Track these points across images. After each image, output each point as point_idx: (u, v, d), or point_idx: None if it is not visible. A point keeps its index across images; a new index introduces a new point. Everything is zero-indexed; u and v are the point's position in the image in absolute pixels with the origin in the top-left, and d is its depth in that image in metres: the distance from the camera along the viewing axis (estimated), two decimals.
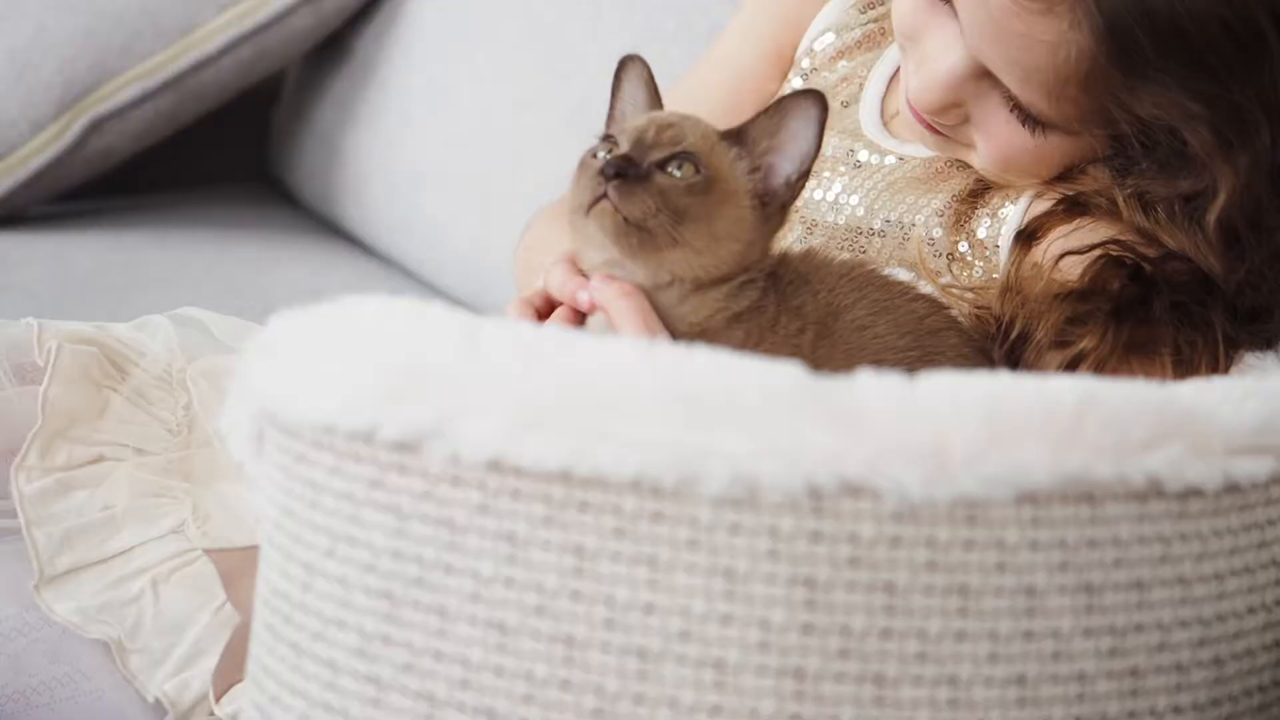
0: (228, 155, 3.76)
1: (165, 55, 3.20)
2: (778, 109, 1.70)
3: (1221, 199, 1.70)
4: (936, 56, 1.85)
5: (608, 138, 1.71)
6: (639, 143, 1.67)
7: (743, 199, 1.68)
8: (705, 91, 2.27)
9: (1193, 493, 1.34)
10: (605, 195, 1.62)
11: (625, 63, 1.79)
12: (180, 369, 1.96)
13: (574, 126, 2.83)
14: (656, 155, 1.66)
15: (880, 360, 1.68)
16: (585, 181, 1.66)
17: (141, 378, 1.95)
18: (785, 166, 1.70)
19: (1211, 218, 1.71)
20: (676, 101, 2.17)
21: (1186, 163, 1.73)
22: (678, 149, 1.66)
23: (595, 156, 1.68)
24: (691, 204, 1.64)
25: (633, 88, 1.78)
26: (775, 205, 1.71)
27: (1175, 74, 1.68)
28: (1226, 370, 1.72)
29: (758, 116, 1.71)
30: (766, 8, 2.29)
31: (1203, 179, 1.72)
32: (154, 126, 3.29)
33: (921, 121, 1.91)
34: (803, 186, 1.71)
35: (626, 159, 1.64)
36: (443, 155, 3.18)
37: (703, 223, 1.65)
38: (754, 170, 1.70)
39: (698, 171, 1.65)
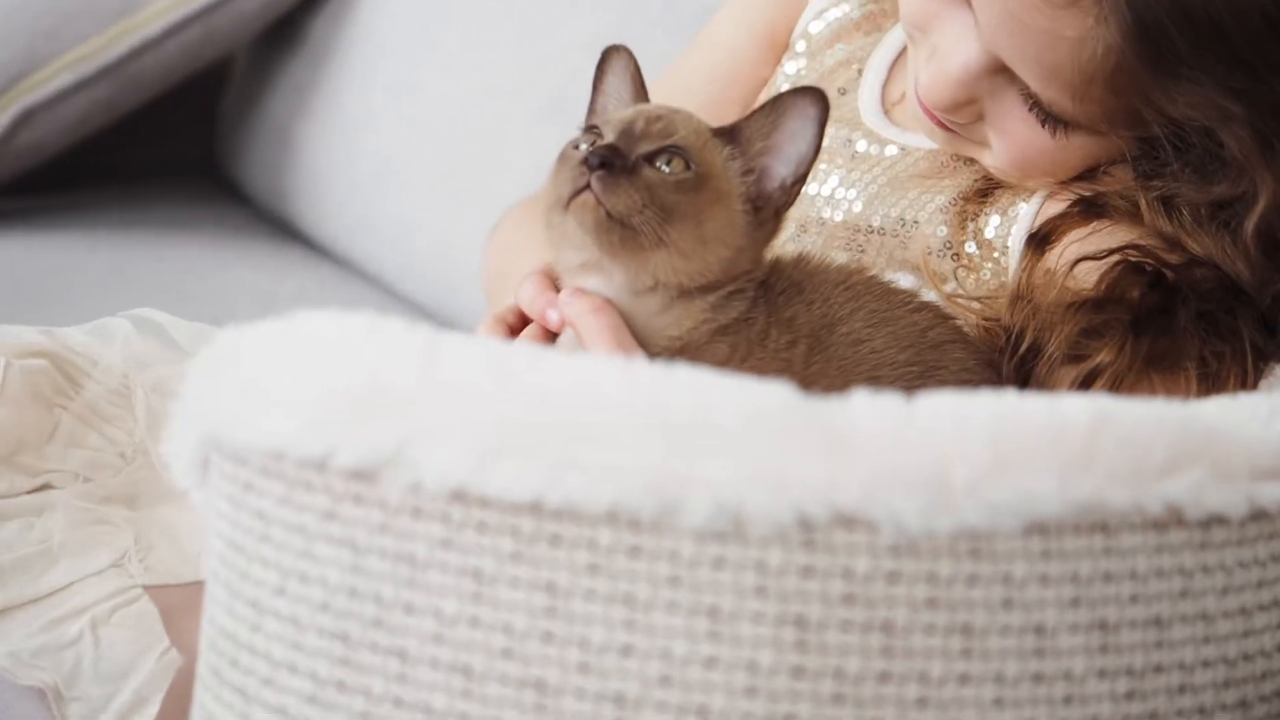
0: (171, 148, 3.76)
1: (102, 39, 3.20)
2: (774, 107, 1.72)
3: (1261, 206, 1.72)
4: (949, 50, 1.86)
5: (591, 128, 1.73)
6: (626, 134, 1.68)
7: (735, 201, 1.70)
8: (696, 77, 2.30)
9: (1216, 521, 1.35)
10: (587, 187, 1.64)
11: (609, 53, 1.81)
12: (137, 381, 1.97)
13: (552, 117, 2.83)
14: (645, 148, 1.67)
15: (878, 377, 1.70)
16: (566, 173, 1.68)
17: (95, 391, 1.95)
18: (781, 169, 1.72)
19: (1250, 225, 1.73)
20: (664, 88, 2.19)
21: (1223, 166, 1.75)
22: (668, 142, 1.68)
23: (577, 148, 1.70)
24: (680, 202, 1.65)
25: (616, 80, 1.80)
26: (769, 211, 1.73)
27: (1212, 72, 1.69)
28: (1256, 384, 1.73)
29: (753, 114, 1.73)
30: None
31: (1239, 184, 1.74)
32: (89, 117, 3.29)
33: (932, 118, 1.93)
34: (799, 192, 1.73)
35: (612, 149, 1.66)
36: (407, 148, 3.18)
37: (691, 223, 1.66)
38: (747, 172, 1.71)
39: (688, 168, 1.67)
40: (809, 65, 2.20)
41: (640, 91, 1.80)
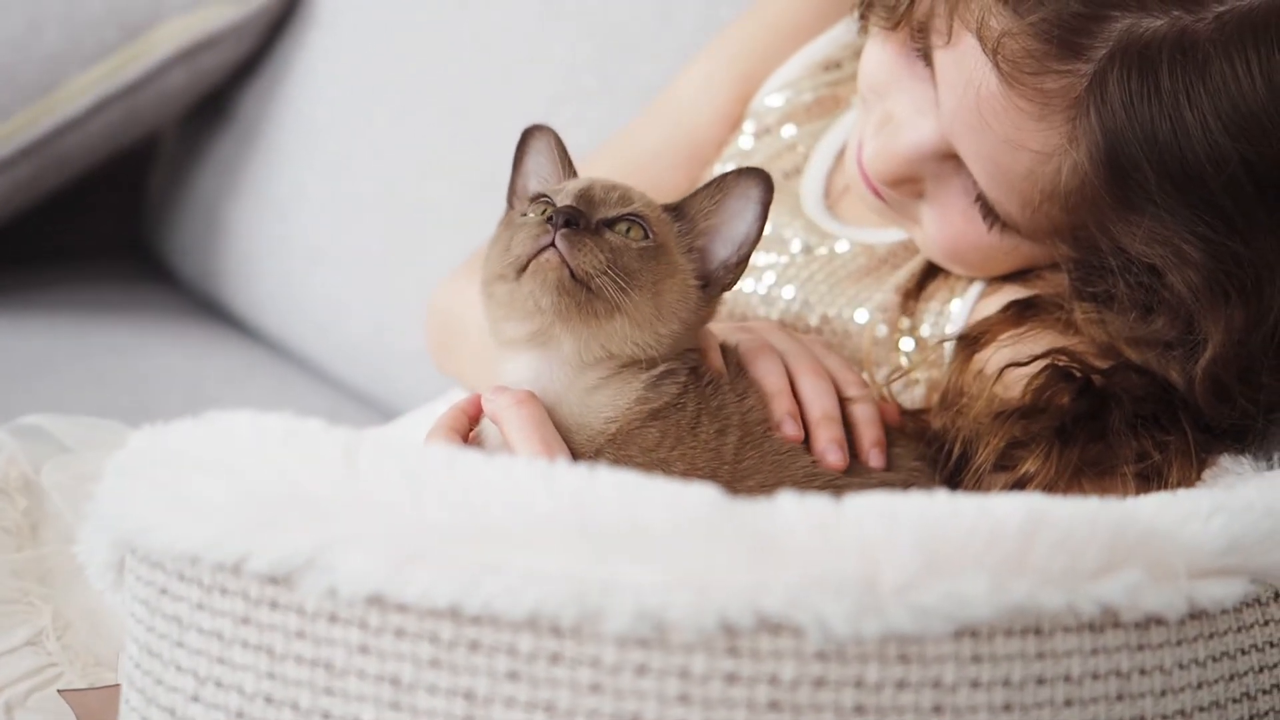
0: (96, 227, 3.76)
1: (22, 118, 3.19)
2: (719, 186, 1.75)
3: (1209, 353, 1.72)
4: (903, 123, 1.87)
5: (540, 197, 1.74)
6: (585, 198, 1.70)
7: (688, 275, 1.73)
8: (651, 143, 2.32)
9: (1154, 621, 1.37)
10: (550, 246, 1.65)
11: (529, 133, 1.83)
12: (19, 475, 1.97)
13: (486, 196, 2.83)
14: (605, 213, 1.70)
15: (815, 474, 1.71)
16: (522, 237, 1.68)
17: None
18: (722, 250, 1.75)
19: (1198, 369, 1.72)
20: (615, 154, 2.22)
21: (1161, 304, 1.74)
22: (628, 210, 1.70)
23: (524, 216, 1.71)
24: (641, 269, 1.68)
25: (538, 160, 1.82)
26: (715, 289, 1.75)
27: (1177, 213, 1.69)
28: (1200, 474, 1.74)
29: (697, 192, 1.76)
30: (728, 58, 2.33)
31: (1175, 325, 1.73)
32: (9, 198, 3.28)
33: (869, 186, 1.94)
34: (741, 273, 1.76)
35: (578, 210, 1.67)
36: (339, 228, 3.20)
37: (649, 292, 1.68)
38: (690, 250, 1.74)
39: (646, 236, 1.69)
40: (757, 144, 2.22)
41: (568, 168, 1.82)
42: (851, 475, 1.74)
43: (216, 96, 3.44)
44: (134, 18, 3.26)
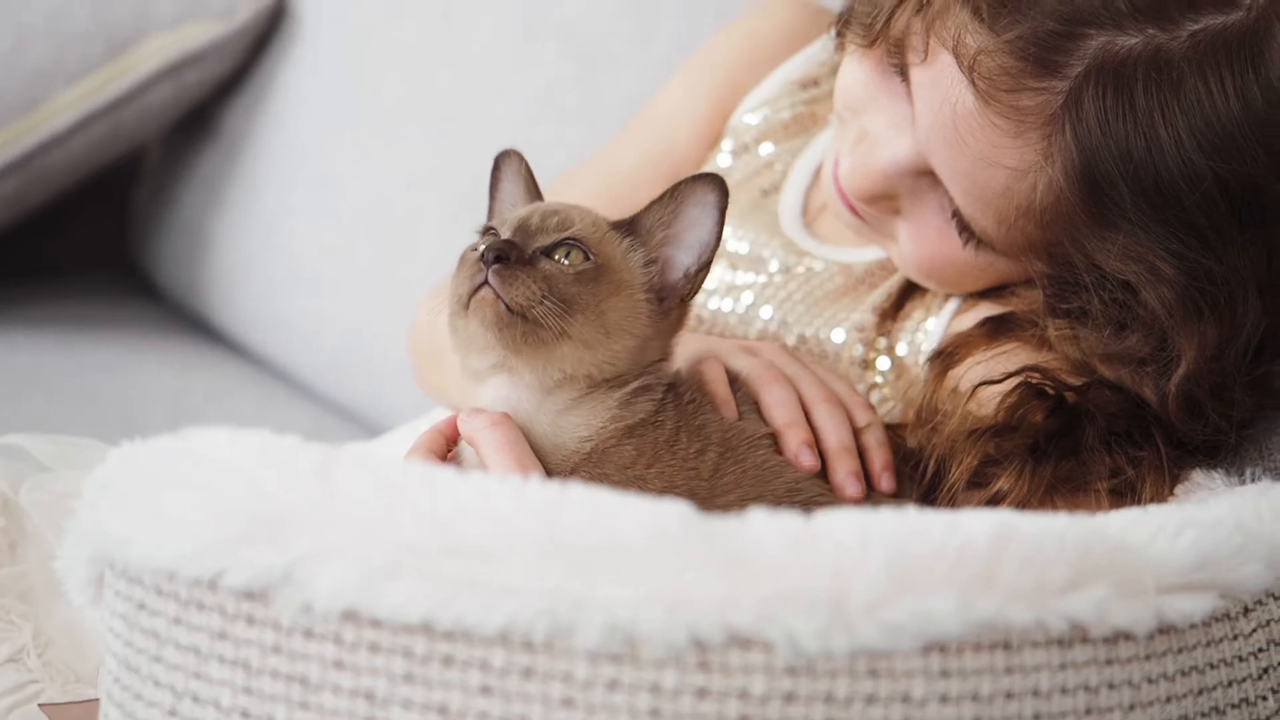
0: (82, 243, 3.77)
1: (7, 134, 3.20)
2: (673, 196, 1.75)
3: (1183, 369, 1.73)
4: (879, 140, 1.88)
5: (488, 230, 1.76)
6: (522, 229, 1.72)
7: (636, 291, 1.73)
8: (631, 160, 2.33)
9: (1122, 637, 1.38)
10: (485, 283, 1.67)
11: (500, 158, 1.85)
12: None
13: (467, 211, 2.84)
14: (541, 241, 1.71)
15: (796, 490, 1.72)
16: (462, 275, 1.71)
17: None
18: (683, 258, 1.76)
19: (1171, 385, 1.73)
20: (595, 173, 2.23)
21: (1135, 320, 1.75)
22: (564, 235, 1.71)
23: (476, 249, 1.73)
24: (580, 292, 1.69)
25: (510, 184, 1.84)
26: (674, 300, 1.76)
27: (1152, 230, 1.70)
28: (1173, 490, 1.75)
29: (652, 204, 1.76)
30: (706, 75, 2.34)
31: (1149, 341, 1.74)
32: None
33: (845, 203, 1.95)
34: (703, 279, 1.76)
35: (507, 243, 1.69)
36: (322, 243, 3.21)
37: (593, 313, 1.69)
38: (650, 263, 1.75)
39: (586, 258, 1.71)
40: (735, 162, 2.23)
41: (533, 192, 1.84)
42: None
43: (201, 112, 3.45)
44: (119, 34, 3.27)
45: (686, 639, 1.28)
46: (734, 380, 1.81)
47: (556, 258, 1.70)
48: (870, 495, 1.78)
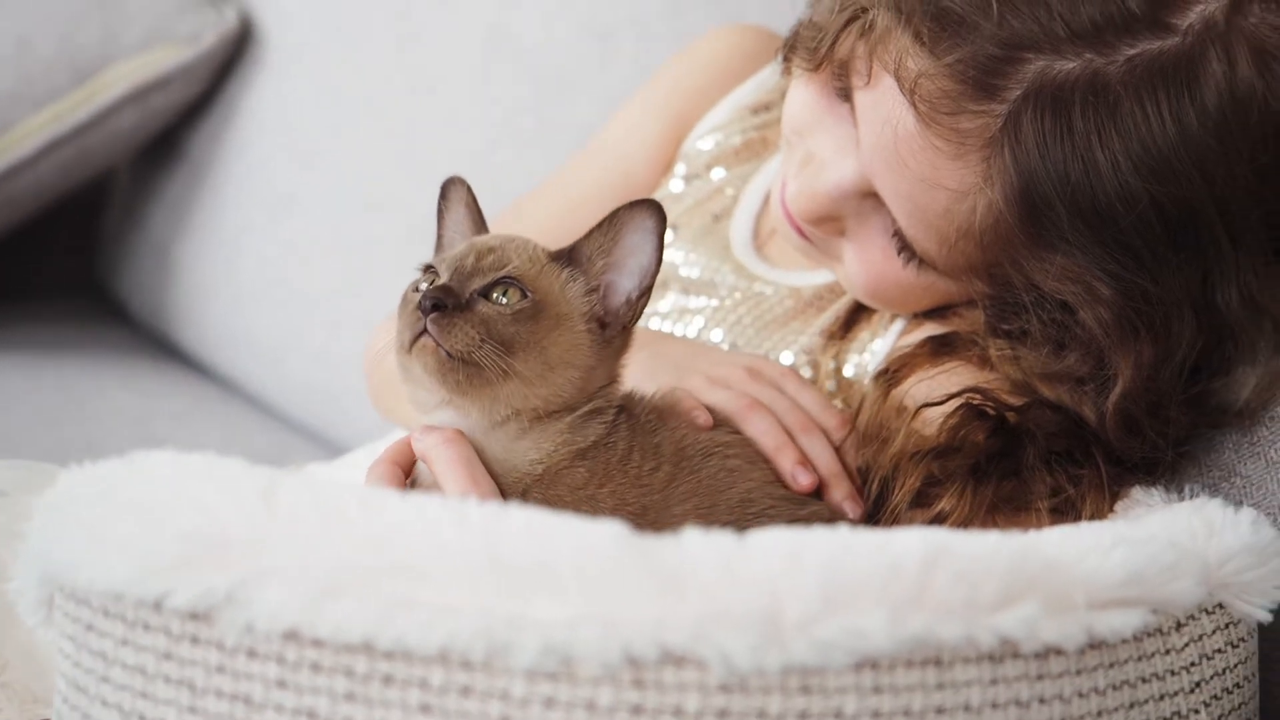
0: (51, 266, 3.78)
1: None
2: (611, 223, 1.77)
3: (1120, 388, 1.74)
4: (825, 162, 1.90)
5: (429, 268, 1.78)
6: (458, 271, 1.73)
7: (577, 322, 1.75)
8: (585, 186, 2.35)
9: (1053, 652, 1.40)
10: (425, 331, 1.69)
11: (447, 186, 1.87)
12: None
13: (430, 232, 2.86)
14: (477, 283, 1.72)
15: (749, 500, 1.74)
16: (406, 317, 1.72)
17: None
18: (625, 284, 1.77)
19: (1109, 404, 1.75)
20: (549, 198, 2.24)
21: (1074, 340, 1.77)
22: (500, 274, 1.73)
23: (417, 290, 1.75)
24: (519, 331, 1.70)
25: (456, 213, 1.85)
26: (617, 326, 1.77)
27: (1089, 251, 1.72)
28: (1113, 506, 1.77)
29: (591, 232, 1.78)
30: (655, 106, 2.37)
31: (1087, 361, 1.76)
32: None
33: (793, 225, 1.97)
34: (645, 304, 1.78)
35: (445, 289, 1.70)
36: (287, 265, 3.23)
37: (534, 350, 1.71)
38: (591, 291, 1.76)
39: (524, 296, 1.72)
40: (688, 188, 2.26)
41: (478, 222, 1.85)
42: (794, 505, 1.77)
43: (167, 136, 3.46)
44: (85, 60, 3.27)
45: (621, 657, 1.30)
46: (713, 416, 1.82)
47: (494, 297, 1.71)
48: (822, 508, 1.80)
